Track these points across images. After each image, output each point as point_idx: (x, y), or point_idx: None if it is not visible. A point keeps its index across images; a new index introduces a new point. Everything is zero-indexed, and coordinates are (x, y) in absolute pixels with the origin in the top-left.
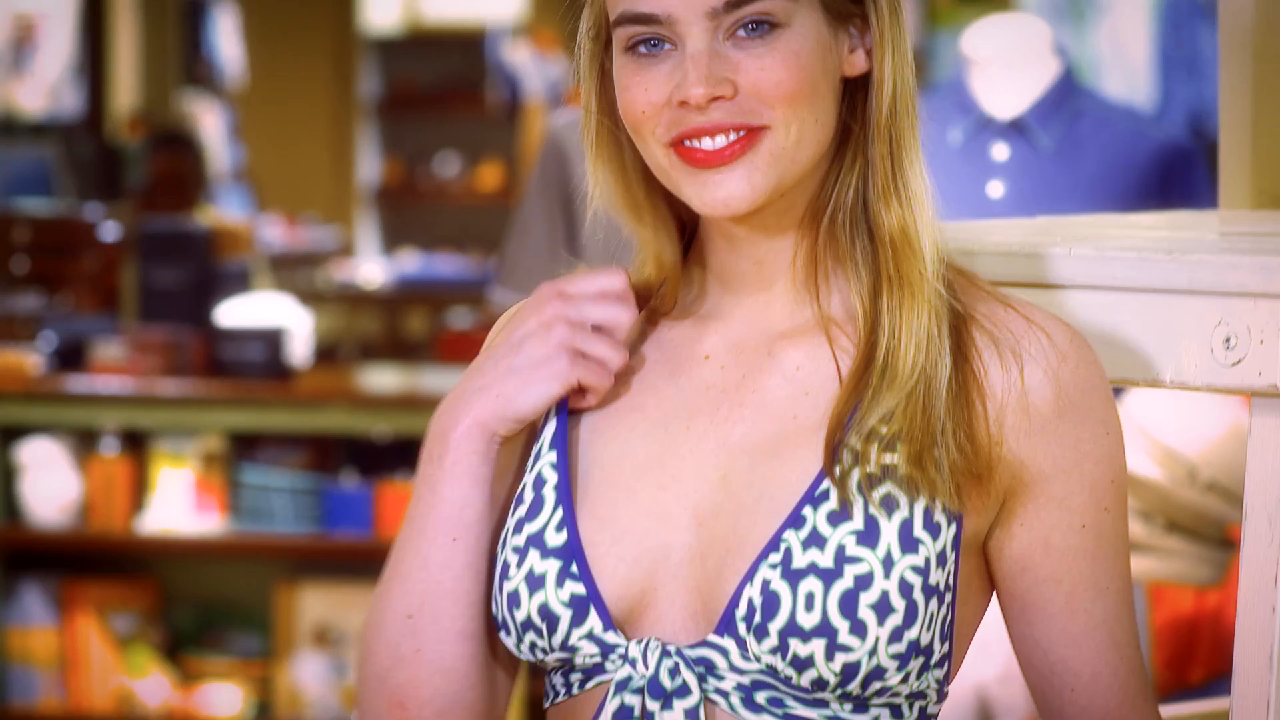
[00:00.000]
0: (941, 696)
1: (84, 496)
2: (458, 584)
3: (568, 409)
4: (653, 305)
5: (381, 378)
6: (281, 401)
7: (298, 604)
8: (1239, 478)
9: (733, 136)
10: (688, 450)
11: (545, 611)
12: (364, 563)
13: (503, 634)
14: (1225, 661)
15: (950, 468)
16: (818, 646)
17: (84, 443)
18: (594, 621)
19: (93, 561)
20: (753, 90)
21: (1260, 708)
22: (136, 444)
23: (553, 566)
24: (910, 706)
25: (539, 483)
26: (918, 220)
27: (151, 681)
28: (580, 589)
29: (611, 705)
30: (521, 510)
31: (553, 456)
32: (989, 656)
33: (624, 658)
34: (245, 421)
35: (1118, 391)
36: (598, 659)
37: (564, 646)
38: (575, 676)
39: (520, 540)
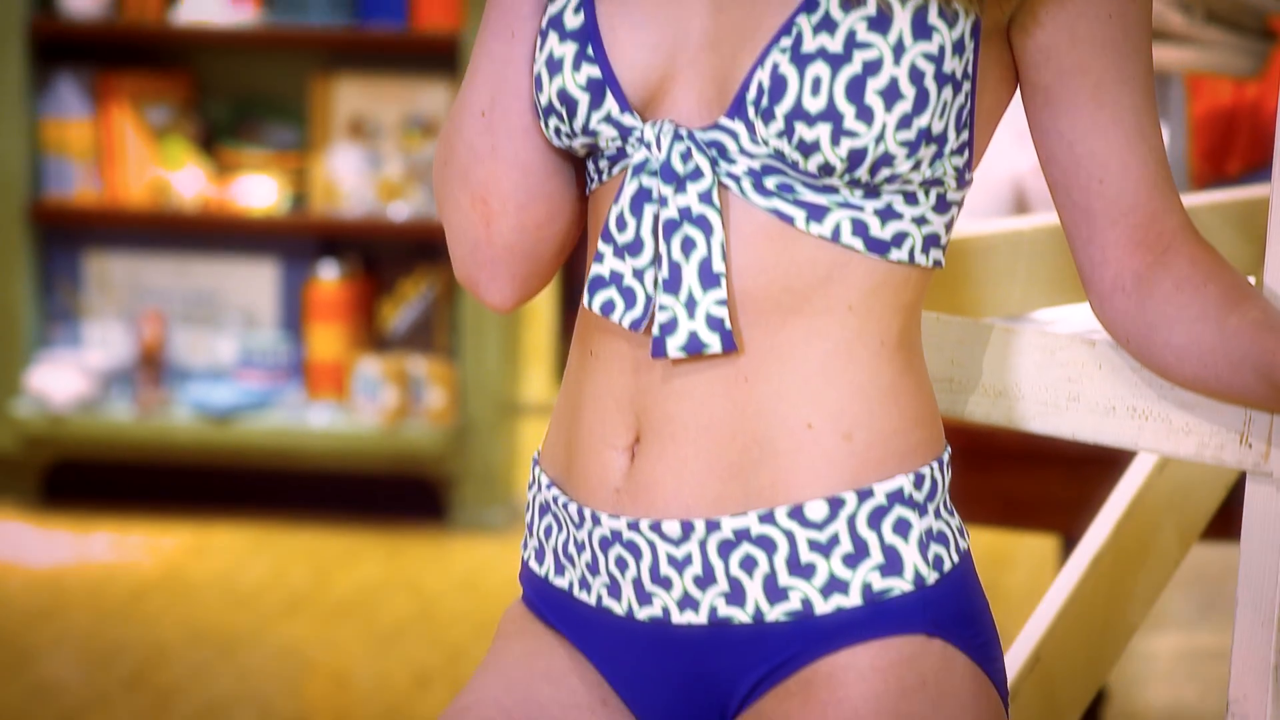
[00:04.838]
0: (963, 183)
1: None
2: (520, 79)
3: None
4: None
5: None
6: None
7: (333, 96)
8: None
9: None
10: None
11: (564, 95)
12: (400, 55)
13: None
14: (1263, 153)
15: None
16: (823, 131)
17: None
18: (611, 104)
19: (127, 53)
20: None
21: None
22: None
23: (570, 49)
24: (926, 193)
25: None
26: None
27: (187, 173)
28: (596, 72)
29: (630, 188)
30: None
31: None
32: (1025, 146)
33: (640, 140)
34: None
35: None
36: (618, 143)
37: (585, 130)
38: (603, 163)
39: (543, 22)
